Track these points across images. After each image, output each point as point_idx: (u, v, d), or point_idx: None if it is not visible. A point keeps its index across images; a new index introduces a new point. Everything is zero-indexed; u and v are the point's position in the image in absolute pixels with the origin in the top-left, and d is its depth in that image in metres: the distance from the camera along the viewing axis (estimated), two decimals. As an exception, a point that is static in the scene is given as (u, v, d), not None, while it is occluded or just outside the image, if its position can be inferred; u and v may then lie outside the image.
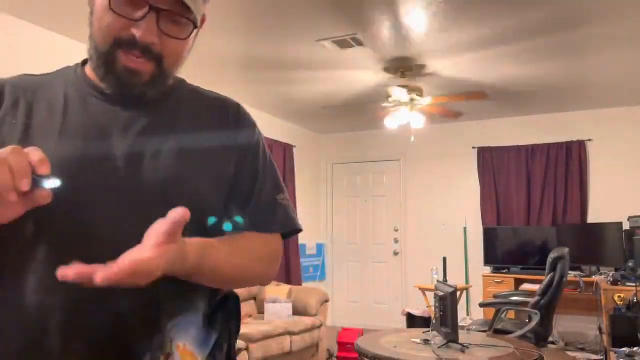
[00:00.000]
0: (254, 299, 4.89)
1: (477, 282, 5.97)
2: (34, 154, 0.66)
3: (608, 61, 4.18)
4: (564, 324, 5.59)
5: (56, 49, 3.57)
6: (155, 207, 0.72)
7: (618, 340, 4.17)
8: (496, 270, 5.90)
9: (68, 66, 0.91)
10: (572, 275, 4.95)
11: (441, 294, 2.96)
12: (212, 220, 0.86)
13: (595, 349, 5.24)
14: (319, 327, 4.72)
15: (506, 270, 5.82)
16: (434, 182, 6.55)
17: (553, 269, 4.05)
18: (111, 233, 0.76)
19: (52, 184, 0.67)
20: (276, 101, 5.42)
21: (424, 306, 5.52)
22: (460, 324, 3.45)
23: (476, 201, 6.29)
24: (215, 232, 0.86)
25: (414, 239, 6.63)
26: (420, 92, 4.45)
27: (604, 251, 5.35)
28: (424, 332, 3.22)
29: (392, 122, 4.60)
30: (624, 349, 3.74)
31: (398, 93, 4.30)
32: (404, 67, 4.28)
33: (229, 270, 0.84)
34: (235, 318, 0.94)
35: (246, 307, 4.66)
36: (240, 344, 3.63)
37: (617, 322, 4.27)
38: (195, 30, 0.84)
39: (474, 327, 4.22)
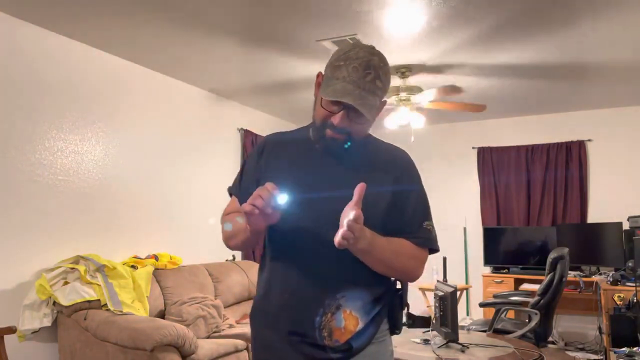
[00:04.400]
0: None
1: (477, 282, 5.98)
2: (269, 185, 1.18)
3: (608, 61, 4.19)
4: (564, 324, 5.60)
5: (57, 49, 3.58)
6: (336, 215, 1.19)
7: (618, 340, 4.17)
8: (496, 270, 5.91)
9: (309, 126, 1.45)
10: (572, 275, 4.95)
11: (441, 293, 2.96)
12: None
13: (595, 349, 5.24)
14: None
15: (506, 270, 5.83)
16: (434, 182, 6.54)
17: (553, 268, 4.06)
18: (321, 220, 1.29)
19: (284, 198, 1.18)
20: (276, 101, 5.42)
21: (424, 306, 5.52)
22: (460, 324, 3.46)
23: (476, 201, 6.30)
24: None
25: (414, 239, 6.62)
26: (420, 93, 4.45)
27: (603, 251, 5.35)
28: (424, 332, 3.23)
29: (392, 122, 4.60)
30: (623, 349, 3.74)
31: (427, 91, 4.20)
32: (404, 67, 4.28)
33: (388, 255, 1.30)
34: (399, 298, 1.44)
35: (248, 307, 4.65)
36: (241, 344, 3.64)
37: (617, 322, 4.27)
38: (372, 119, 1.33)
39: (474, 327, 4.22)
